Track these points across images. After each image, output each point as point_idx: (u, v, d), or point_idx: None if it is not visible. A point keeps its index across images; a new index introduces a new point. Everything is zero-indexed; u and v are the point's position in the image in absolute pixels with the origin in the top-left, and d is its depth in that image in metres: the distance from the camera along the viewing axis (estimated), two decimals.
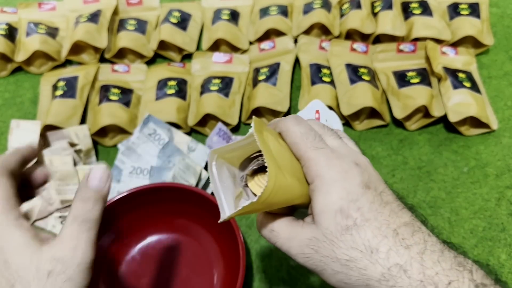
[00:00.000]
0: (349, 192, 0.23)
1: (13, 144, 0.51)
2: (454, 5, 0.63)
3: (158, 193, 0.44)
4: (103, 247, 0.44)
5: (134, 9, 0.68)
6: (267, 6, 0.66)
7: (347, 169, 0.24)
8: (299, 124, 0.26)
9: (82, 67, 0.60)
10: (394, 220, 0.23)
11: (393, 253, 0.22)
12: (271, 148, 0.24)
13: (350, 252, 0.23)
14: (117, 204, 0.43)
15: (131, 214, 0.45)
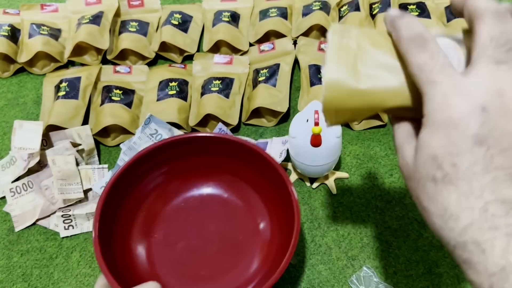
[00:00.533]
0: (452, 142, 0.20)
1: (16, 144, 0.51)
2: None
3: (209, 144, 0.43)
4: (147, 189, 0.44)
5: (136, 11, 0.68)
6: (267, 8, 0.67)
7: (465, 114, 0.20)
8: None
9: (85, 68, 0.61)
10: (492, 191, 0.20)
11: (473, 230, 0.20)
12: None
13: (428, 204, 0.22)
14: (168, 147, 0.43)
15: (179, 161, 0.44)
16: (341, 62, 0.23)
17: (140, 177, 0.44)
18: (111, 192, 0.40)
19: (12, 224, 0.49)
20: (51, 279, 0.45)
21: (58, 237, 0.48)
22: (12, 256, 0.47)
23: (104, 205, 0.39)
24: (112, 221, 0.40)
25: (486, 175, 0.20)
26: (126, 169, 0.41)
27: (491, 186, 0.20)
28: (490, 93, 0.20)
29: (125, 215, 0.42)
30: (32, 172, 0.50)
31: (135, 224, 0.43)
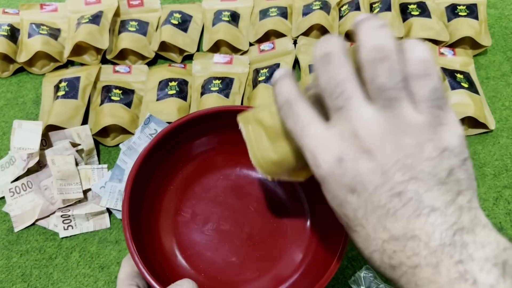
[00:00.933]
0: (333, 196, 0.22)
1: (15, 144, 0.51)
2: (452, 6, 0.64)
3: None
4: (186, 158, 0.40)
5: (135, 11, 0.68)
6: (267, 8, 0.67)
7: (328, 170, 0.22)
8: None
9: (84, 68, 0.61)
10: (382, 230, 0.21)
11: (386, 269, 0.22)
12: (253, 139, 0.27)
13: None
14: (218, 116, 0.38)
15: (202, 138, 0.40)
16: (255, 147, 0.27)
17: (179, 144, 0.39)
18: (146, 159, 0.36)
19: (11, 224, 0.49)
20: (50, 279, 0.45)
21: (58, 237, 0.48)
22: (11, 256, 0.47)
23: (136, 177, 0.35)
24: (141, 195, 0.36)
25: (370, 218, 0.21)
26: (164, 136, 0.37)
27: (380, 226, 0.21)
28: (344, 139, 0.21)
29: (153, 188, 0.38)
30: (31, 172, 0.50)
31: (164, 199, 0.39)
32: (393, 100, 0.20)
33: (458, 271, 0.19)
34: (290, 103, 0.23)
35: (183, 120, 0.38)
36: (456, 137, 0.21)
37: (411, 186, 0.20)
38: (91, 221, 0.48)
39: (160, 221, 0.39)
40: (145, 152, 0.36)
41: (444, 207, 0.20)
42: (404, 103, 0.20)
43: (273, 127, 0.26)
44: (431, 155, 0.20)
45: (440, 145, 0.20)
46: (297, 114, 0.23)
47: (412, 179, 0.20)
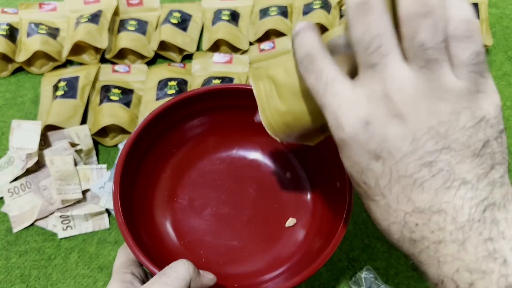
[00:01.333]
0: (354, 162, 0.21)
1: (14, 144, 0.51)
2: None
3: (235, 98, 0.37)
4: (177, 142, 0.38)
5: (135, 10, 0.68)
6: (267, 7, 0.67)
7: (352, 133, 0.20)
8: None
9: (83, 68, 0.61)
10: (406, 202, 0.20)
11: (406, 243, 0.21)
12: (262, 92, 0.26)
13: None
14: (209, 96, 0.36)
15: (219, 113, 0.38)
16: (266, 106, 0.25)
17: (170, 128, 0.38)
18: (134, 144, 0.34)
19: (10, 224, 0.49)
20: (49, 280, 0.45)
21: (57, 238, 0.48)
22: (10, 257, 0.46)
23: (125, 164, 0.34)
24: (132, 183, 0.35)
25: (394, 188, 0.20)
26: (153, 118, 0.35)
27: (403, 197, 0.19)
28: (374, 101, 0.19)
29: (147, 174, 0.37)
30: (30, 172, 0.50)
31: (158, 186, 0.38)
32: (432, 61, 0.18)
33: (487, 249, 0.18)
34: (312, 57, 0.21)
35: (171, 102, 0.36)
36: (494, 107, 0.19)
37: (443, 156, 0.18)
38: (90, 221, 0.48)
39: (156, 209, 0.37)
40: (133, 137, 0.34)
41: (476, 180, 0.18)
42: (444, 66, 0.19)
43: (288, 84, 0.24)
44: (467, 124, 0.19)
45: (477, 114, 0.19)
46: (320, 70, 0.21)
47: (444, 148, 0.18)
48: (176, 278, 0.26)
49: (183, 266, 0.27)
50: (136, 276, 0.29)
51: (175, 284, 0.26)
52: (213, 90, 0.37)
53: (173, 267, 0.27)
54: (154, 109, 0.36)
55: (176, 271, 0.27)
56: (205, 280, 0.28)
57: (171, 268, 0.27)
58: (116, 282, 0.28)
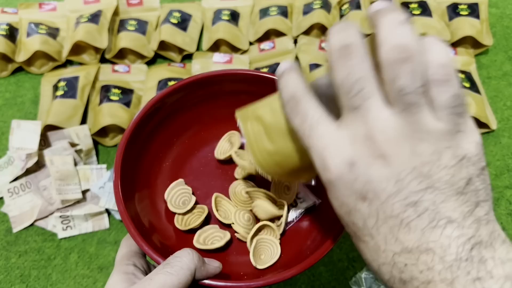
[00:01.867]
0: (341, 203, 0.21)
1: (14, 144, 0.51)
2: (454, 5, 0.63)
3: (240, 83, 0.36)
4: (177, 131, 0.37)
5: (135, 10, 0.68)
6: (267, 7, 0.66)
7: (338, 174, 0.20)
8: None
9: (83, 68, 0.61)
10: (394, 242, 0.20)
11: (396, 283, 0.20)
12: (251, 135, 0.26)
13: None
14: (208, 83, 0.35)
15: (220, 100, 0.37)
16: (255, 146, 0.26)
17: (171, 116, 0.37)
18: (135, 133, 0.34)
19: (10, 225, 0.48)
20: (49, 280, 0.45)
21: (56, 238, 0.48)
22: (10, 257, 0.46)
23: (126, 152, 0.33)
24: (133, 172, 0.34)
25: (381, 228, 0.20)
26: (151, 107, 0.34)
27: (391, 237, 0.19)
28: (357, 142, 0.20)
29: (148, 163, 0.36)
30: (30, 173, 0.50)
31: (160, 175, 0.37)
32: (413, 105, 0.19)
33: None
34: (297, 99, 0.21)
35: (172, 88, 0.35)
36: (474, 145, 0.20)
37: (428, 195, 0.19)
38: (90, 221, 0.48)
39: (158, 199, 0.36)
40: (133, 125, 0.34)
41: (461, 218, 0.19)
42: (424, 109, 0.19)
43: (275, 124, 0.24)
44: (449, 164, 0.19)
45: (458, 153, 0.19)
46: (305, 112, 0.21)
47: (428, 188, 0.19)
48: (180, 267, 0.26)
49: (187, 255, 0.27)
50: (138, 267, 0.29)
51: (180, 273, 0.25)
52: (215, 75, 0.36)
53: (177, 256, 0.27)
54: (153, 96, 0.35)
55: (181, 261, 0.26)
56: (210, 269, 0.28)
57: (175, 258, 0.27)
58: (118, 274, 0.28)
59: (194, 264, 0.26)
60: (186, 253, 0.27)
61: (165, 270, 0.25)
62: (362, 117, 0.20)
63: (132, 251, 0.30)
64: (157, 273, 0.25)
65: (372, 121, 0.19)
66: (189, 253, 0.27)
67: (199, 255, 0.28)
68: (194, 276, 0.26)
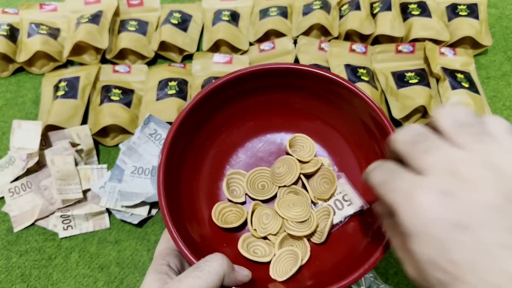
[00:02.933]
0: (438, 241, 0.19)
1: (15, 144, 0.51)
2: (453, 6, 0.64)
3: (292, 78, 0.35)
4: (222, 123, 0.37)
5: (135, 10, 0.68)
6: (267, 7, 0.67)
7: (429, 205, 0.19)
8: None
9: (84, 68, 0.61)
10: (500, 271, 0.18)
11: None
12: None
13: None
14: (255, 77, 0.34)
15: (265, 95, 0.36)
16: None
17: (221, 105, 0.36)
18: (185, 120, 0.33)
19: (10, 224, 0.49)
20: (50, 279, 0.45)
21: (57, 238, 0.48)
22: (11, 256, 0.47)
23: (172, 142, 0.32)
24: (179, 161, 0.33)
25: (484, 258, 0.18)
26: (205, 95, 0.34)
27: (499, 268, 0.17)
28: (445, 176, 0.19)
29: (194, 152, 0.35)
30: (31, 172, 0.50)
31: (203, 169, 0.36)
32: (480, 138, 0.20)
33: None
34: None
35: (224, 80, 0.34)
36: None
37: None
38: (91, 221, 0.48)
39: (200, 189, 0.35)
40: (184, 113, 0.33)
41: None
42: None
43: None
44: None
45: None
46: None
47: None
48: (209, 272, 0.26)
49: (217, 260, 0.27)
50: (172, 268, 0.29)
51: (208, 278, 0.25)
52: (268, 69, 0.35)
53: (207, 261, 0.27)
54: (207, 86, 0.34)
55: (210, 266, 0.26)
56: (239, 276, 0.28)
57: (205, 262, 0.27)
58: (153, 273, 0.28)
59: (223, 270, 0.27)
60: (217, 258, 0.27)
61: (194, 273, 0.26)
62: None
63: (169, 248, 0.30)
64: (186, 276, 0.26)
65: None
66: (219, 258, 0.27)
67: (229, 261, 0.28)
68: (222, 281, 0.27)
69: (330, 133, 0.37)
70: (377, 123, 0.32)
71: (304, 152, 0.37)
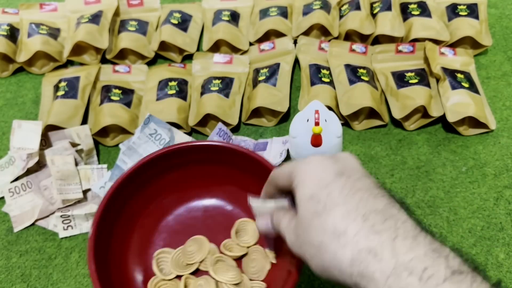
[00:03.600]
0: (320, 179, 0.25)
1: (15, 144, 0.51)
2: (453, 6, 0.64)
3: (206, 153, 0.41)
4: (138, 204, 0.41)
5: (135, 10, 0.68)
6: (267, 7, 0.67)
7: (321, 160, 0.26)
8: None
9: (84, 68, 0.61)
10: (364, 205, 0.23)
11: (362, 237, 0.22)
12: None
13: (320, 236, 0.24)
14: (158, 160, 0.39)
15: (172, 173, 0.41)
16: None
17: (137, 189, 0.41)
18: (106, 208, 0.37)
19: (11, 224, 0.49)
20: (50, 279, 0.45)
21: (57, 238, 0.48)
22: (11, 256, 0.47)
23: (99, 225, 0.36)
24: (107, 240, 0.38)
25: (355, 195, 0.24)
26: (121, 183, 0.39)
27: (362, 201, 0.24)
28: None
29: (121, 233, 0.40)
30: (31, 172, 0.50)
31: (132, 242, 0.40)
32: None
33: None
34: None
35: (153, 156, 0.39)
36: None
37: None
38: (91, 221, 0.48)
39: (130, 256, 0.39)
40: (112, 190, 0.38)
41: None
42: None
43: None
44: None
45: None
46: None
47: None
48: None
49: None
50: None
51: None
52: (194, 146, 0.41)
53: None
54: (136, 162, 0.40)
55: None
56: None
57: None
58: None
59: None
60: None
61: None
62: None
63: None
64: None
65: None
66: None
67: None
68: None
69: (244, 195, 0.41)
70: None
71: (248, 237, 0.41)
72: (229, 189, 0.43)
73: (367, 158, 0.52)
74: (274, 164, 0.38)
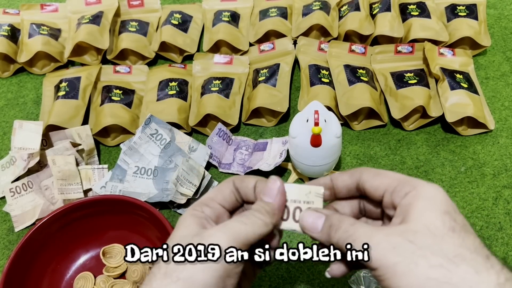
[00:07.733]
0: (451, 203, 0.25)
1: (16, 144, 0.51)
2: (452, 6, 0.64)
3: (90, 207, 0.43)
4: (38, 273, 0.43)
5: (136, 11, 0.68)
6: (267, 8, 0.67)
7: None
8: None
9: (84, 68, 0.61)
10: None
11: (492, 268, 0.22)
12: None
13: (458, 250, 0.23)
14: (48, 225, 0.42)
15: (64, 234, 0.43)
16: None
17: (40, 249, 0.43)
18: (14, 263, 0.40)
19: (12, 224, 0.49)
20: None
21: None
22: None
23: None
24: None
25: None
26: (19, 251, 0.41)
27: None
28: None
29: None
30: (32, 172, 0.50)
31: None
32: None
33: None
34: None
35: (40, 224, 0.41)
36: None
37: None
38: None
39: None
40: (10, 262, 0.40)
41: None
42: None
43: None
44: None
45: None
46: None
47: None
48: (255, 221, 0.25)
49: (267, 211, 0.26)
50: (209, 216, 0.27)
51: (254, 226, 0.25)
52: (88, 202, 0.43)
53: (255, 210, 0.26)
54: (28, 231, 0.41)
55: (257, 216, 0.26)
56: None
57: (253, 212, 0.26)
58: (192, 217, 0.27)
59: (271, 221, 0.26)
60: (266, 209, 0.27)
61: (241, 219, 0.25)
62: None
63: (209, 198, 0.29)
64: (232, 221, 0.25)
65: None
66: (268, 209, 0.27)
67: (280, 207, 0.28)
68: (271, 229, 0.26)
69: (137, 236, 0.45)
70: (161, 229, 0.41)
71: (115, 260, 0.44)
72: (118, 234, 0.45)
73: (367, 158, 0.53)
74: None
